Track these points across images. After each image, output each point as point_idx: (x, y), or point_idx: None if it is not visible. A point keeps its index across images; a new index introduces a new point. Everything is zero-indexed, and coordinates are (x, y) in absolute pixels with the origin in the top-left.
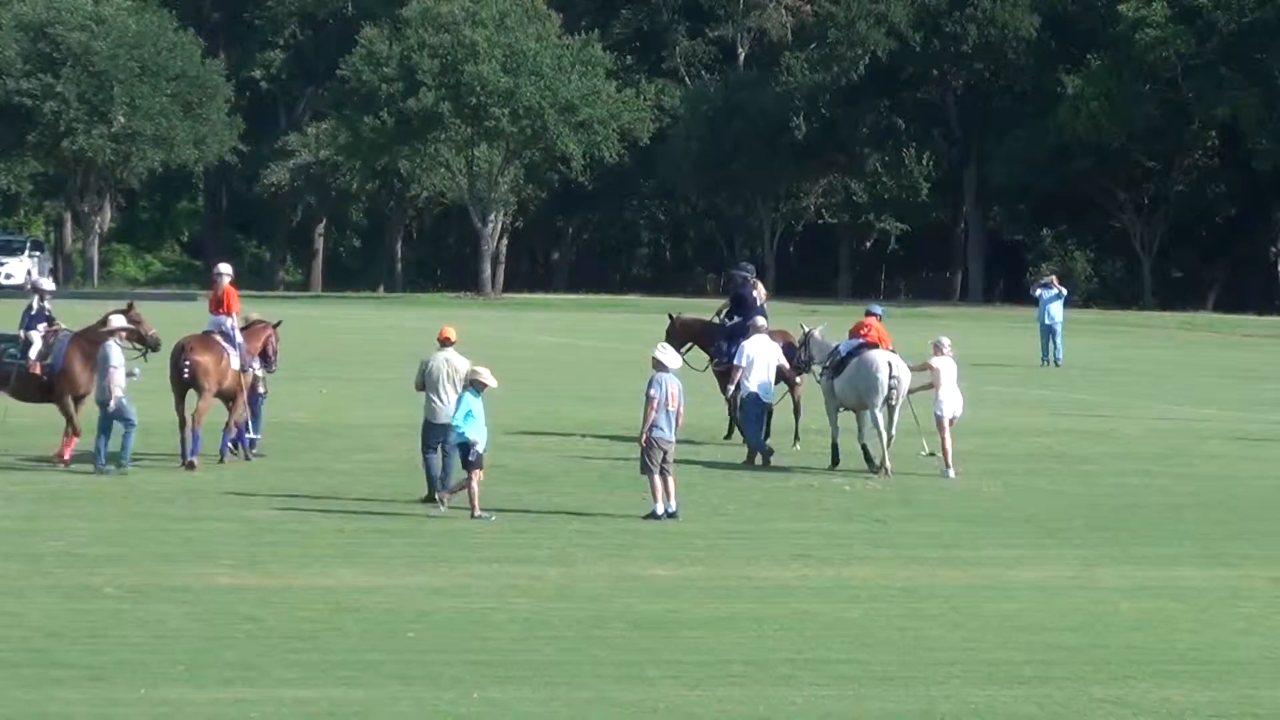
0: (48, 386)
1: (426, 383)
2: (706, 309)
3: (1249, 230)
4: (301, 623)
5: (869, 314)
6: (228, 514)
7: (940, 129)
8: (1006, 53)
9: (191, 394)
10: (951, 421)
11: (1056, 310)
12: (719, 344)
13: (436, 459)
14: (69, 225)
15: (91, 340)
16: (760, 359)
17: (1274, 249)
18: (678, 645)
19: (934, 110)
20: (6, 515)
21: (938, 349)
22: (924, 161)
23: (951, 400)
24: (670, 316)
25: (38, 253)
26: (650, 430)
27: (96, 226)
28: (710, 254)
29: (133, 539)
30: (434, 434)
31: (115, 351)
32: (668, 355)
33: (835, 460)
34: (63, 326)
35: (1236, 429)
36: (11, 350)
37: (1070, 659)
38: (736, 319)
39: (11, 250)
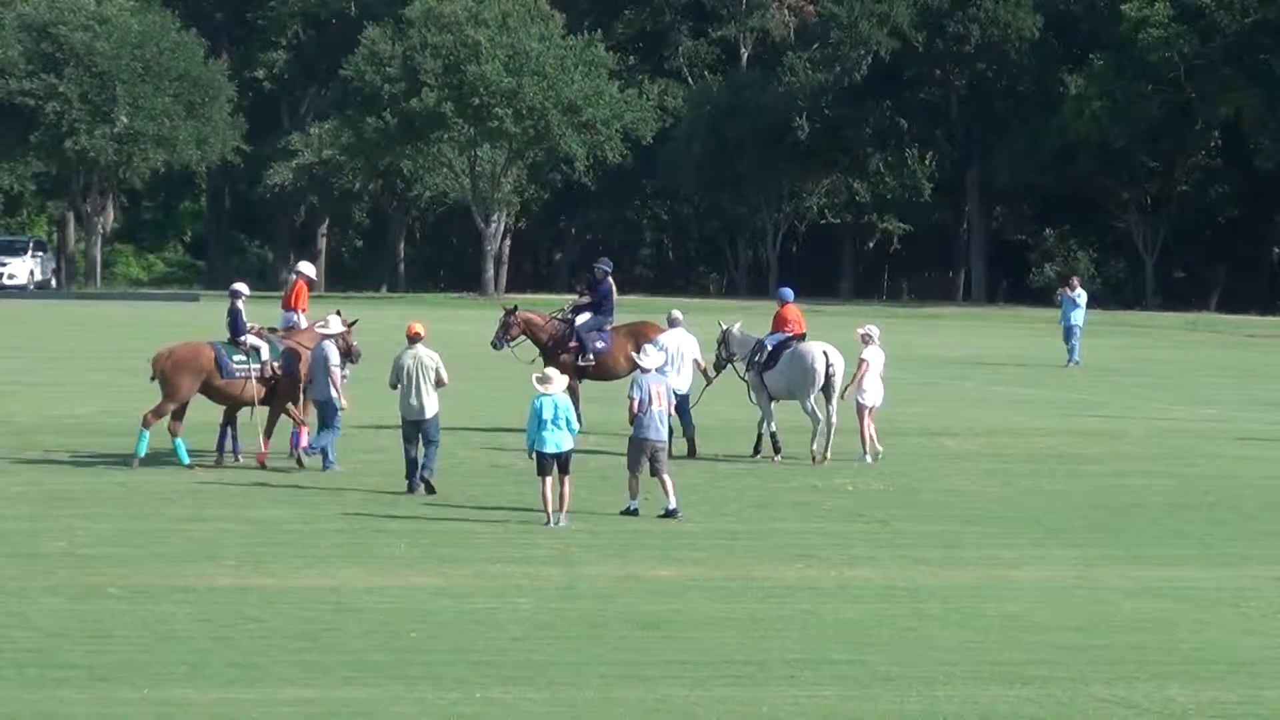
0: (274, 387)
1: (400, 380)
2: (710, 309)
3: (1252, 230)
4: (304, 623)
5: (784, 302)
6: (230, 514)
7: (943, 129)
8: (1009, 53)
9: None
10: (870, 410)
11: (1076, 315)
12: (583, 341)
13: (415, 450)
14: (72, 225)
15: (305, 343)
16: (678, 352)
17: (1277, 249)
18: (680, 645)
19: (937, 110)
20: (10, 516)
21: (867, 340)
22: (927, 161)
23: (874, 390)
24: (513, 308)
25: (41, 253)
26: (637, 430)
27: (99, 227)
28: (713, 254)
29: (136, 539)
30: (411, 429)
31: (333, 352)
32: (648, 356)
33: (758, 449)
34: (258, 326)
35: (1239, 429)
36: (239, 357)
37: (1073, 659)
38: (590, 315)
39: (14, 250)
